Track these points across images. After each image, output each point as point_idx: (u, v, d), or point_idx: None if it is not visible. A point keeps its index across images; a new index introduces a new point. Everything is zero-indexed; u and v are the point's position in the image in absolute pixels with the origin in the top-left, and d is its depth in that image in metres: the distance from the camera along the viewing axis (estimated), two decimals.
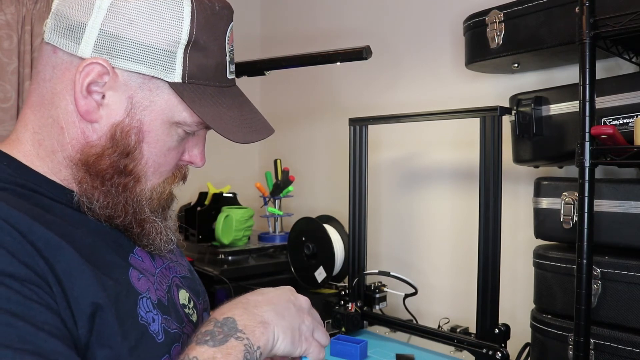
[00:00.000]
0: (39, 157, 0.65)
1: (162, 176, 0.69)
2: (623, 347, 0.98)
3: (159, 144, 0.66)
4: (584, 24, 0.93)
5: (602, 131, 0.92)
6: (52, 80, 0.64)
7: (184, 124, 0.66)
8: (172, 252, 0.77)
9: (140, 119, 0.64)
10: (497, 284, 1.21)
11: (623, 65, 1.24)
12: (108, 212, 0.65)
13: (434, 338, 1.33)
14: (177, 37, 0.62)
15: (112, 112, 0.63)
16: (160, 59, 0.62)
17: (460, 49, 1.44)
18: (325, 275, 1.65)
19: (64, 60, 0.63)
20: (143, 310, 0.62)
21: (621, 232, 1.03)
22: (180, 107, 0.65)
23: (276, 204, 1.93)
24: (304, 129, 2.15)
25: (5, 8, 1.81)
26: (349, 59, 1.29)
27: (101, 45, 0.61)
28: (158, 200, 0.69)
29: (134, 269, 0.65)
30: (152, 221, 0.68)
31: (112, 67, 0.61)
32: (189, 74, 0.64)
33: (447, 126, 1.63)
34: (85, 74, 0.61)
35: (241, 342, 0.58)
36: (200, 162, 0.72)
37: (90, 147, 0.64)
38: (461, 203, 1.61)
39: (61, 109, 0.64)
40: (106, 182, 0.64)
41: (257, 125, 0.71)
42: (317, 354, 0.67)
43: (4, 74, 1.82)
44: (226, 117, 0.66)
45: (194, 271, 0.84)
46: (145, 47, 0.61)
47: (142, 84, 0.63)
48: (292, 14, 2.27)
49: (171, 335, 0.65)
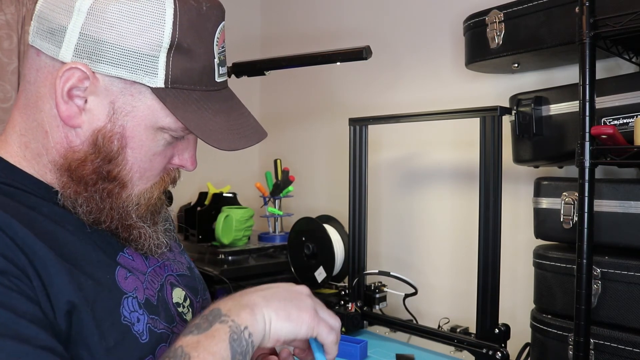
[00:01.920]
0: (25, 159, 0.64)
1: (149, 181, 0.67)
2: (623, 347, 0.98)
3: (144, 149, 0.64)
4: (584, 24, 0.93)
5: (602, 131, 0.92)
6: (36, 83, 0.63)
7: (169, 129, 0.64)
8: (170, 251, 0.76)
9: (123, 125, 0.62)
10: (497, 284, 1.21)
11: (623, 65, 1.23)
12: (92, 217, 0.64)
13: (434, 338, 1.33)
14: (158, 40, 0.60)
15: (94, 117, 0.62)
16: (142, 63, 0.60)
17: (460, 49, 1.44)
18: (325, 275, 1.65)
19: (46, 63, 0.62)
20: (127, 310, 0.62)
21: (621, 232, 1.03)
22: (163, 113, 0.63)
23: (276, 204, 1.93)
24: (304, 129, 2.15)
25: (5, 8, 1.81)
26: (349, 59, 1.28)
27: (82, 50, 0.59)
28: (146, 205, 0.68)
29: (121, 267, 0.65)
30: (140, 227, 0.67)
31: (93, 72, 0.60)
32: (172, 78, 0.62)
33: (447, 126, 1.63)
34: (65, 79, 0.60)
35: (225, 324, 0.56)
36: (191, 166, 0.71)
37: (73, 152, 0.63)
38: (461, 203, 1.61)
39: (45, 113, 0.63)
40: (89, 187, 0.63)
41: (246, 131, 0.69)
42: (326, 334, 0.63)
43: (4, 74, 1.82)
44: (211, 123, 0.64)
45: (194, 269, 0.83)
46: (126, 51, 0.59)
47: (123, 89, 0.61)
48: (292, 14, 2.27)
49: (157, 335, 0.64)
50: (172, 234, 0.79)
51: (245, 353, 0.56)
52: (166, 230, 0.73)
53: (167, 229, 0.74)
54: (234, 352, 0.55)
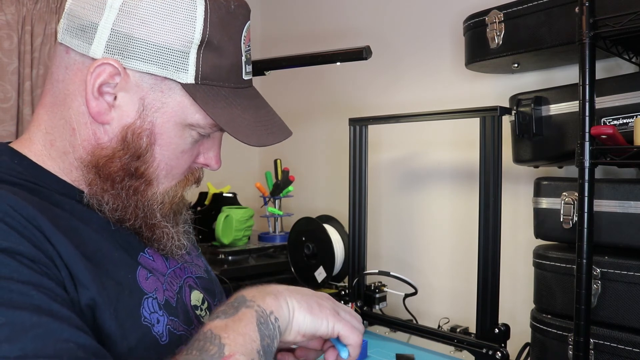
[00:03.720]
0: (50, 158, 0.64)
1: (174, 179, 0.68)
2: (623, 347, 0.98)
3: (172, 146, 0.65)
4: (584, 24, 0.93)
5: (602, 131, 0.92)
6: (65, 81, 0.63)
7: (198, 126, 0.64)
8: (188, 254, 0.76)
9: (152, 121, 0.63)
10: (497, 284, 1.21)
11: (623, 65, 1.24)
12: (118, 214, 0.64)
13: (434, 338, 1.33)
14: (190, 37, 0.61)
15: (123, 113, 0.62)
16: (173, 59, 0.61)
17: (460, 49, 1.44)
18: (325, 275, 1.65)
19: (76, 60, 0.62)
20: (147, 310, 0.62)
21: (621, 232, 1.03)
22: (193, 109, 0.63)
23: (276, 204, 1.93)
24: (304, 129, 2.15)
25: (6, 8, 1.81)
26: (349, 59, 1.29)
27: (113, 46, 0.60)
28: (170, 204, 0.68)
29: (142, 268, 0.65)
30: (164, 226, 0.67)
31: (124, 68, 0.60)
32: (202, 74, 0.62)
33: (447, 126, 1.63)
34: (96, 75, 0.60)
35: (251, 308, 0.57)
36: (216, 165, 0.71)
37: (101, 149, 0.63)
38: (461, 203, 1.61)
39: (73, 110, 0.63)
40: (116, 184, 0.63)
41: (273, 128, 0.69)
42: (349, 332, 0.62)
43: (4, 74, 1.82)
44: (240, 119, 0.65)
45: (211, 271, 0.83)
46: (157, 48, 0.60)
47: (154, 85, 0.62)
48: (292, 14, 2.27)
49: (176, 337, 0.64)
50: (191, 236, 0.78)
51: (273, 337, 0.57)
52: (185, 232, 0.73)
53: (186, 231, 0.73)
54: (262, 335, 0.55)
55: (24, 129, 1.85)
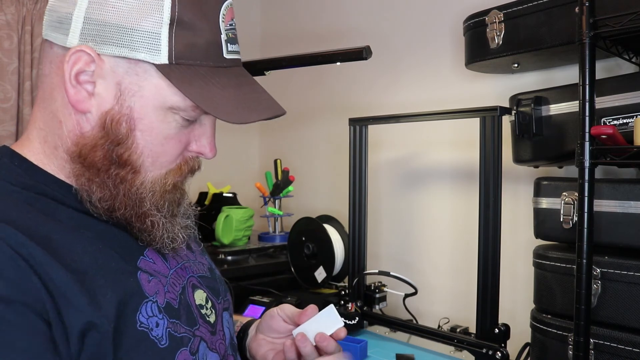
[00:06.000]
0: (45, 155, 0.65)
1: (162, 167, 0.66)
2: (623, 347, 0.98)
3: (154, 131, 0.63)
4: (584, 24, 0.93)
5: (602, 131, 0.92)
6: (50, 74, 0.64)
7: (179, 109, 0.63)
8: (190, 250, 0.76)
9: (130, 106, 0.62)
10: (497, 284, 1.21)
11: (623, 65, 1.24)
12: (107, 204, 0.63)
13: (434, 338, 1.33)
14: (159, 17, 0.60)
15: (102, 100, 0.62)
16: (144, 40, 0.60)
17: (460, 49, 1.44)
18: (325, 275, 1.65)
19: (58, 53, 0.63)
20: (144, 315, 0.61)
21: (621, 232, 1.03)
22: (170, 91, 0.62)
23: (276, 204, 1.93)
24: (304, 129, 2.15)
25: (6, 8, 1.81)
26: (349, 59, 1.28)
27: (87, 34, 0.60)
28: (161, 193, 0.66)
29: (143, 272, 0.64)
30: (153, 215, 0.66)
31: (98, 54, 0.60)
32: (177, 54, 0.61)
33: (447, 126, 1.63)
34: (72, 63, 0.60)
35: None
36: (210, 153, 0.69)
37: (84, 138, 0.63)
38: (461, 203, 1.61)
39: (58, 102, 0.64)
40: (101, 173, 0.63)
41: (258, 105, 0.67)
42: None
43: (4, 74, 1.82)
44: (219, 97, 0.63)
45: (215, 270, 0.82)
46: (128, 30, 0.60)
47: (129, 68, 0.61)
48: (292, 14, 2.27)
49: (177, 339, 0.63)
50: (193, 232, 0.76)
51: None
52: (187, 227, 0.72)
53: (187, 226, 0.72)
54: None
55: (24, 129, 1.85)
